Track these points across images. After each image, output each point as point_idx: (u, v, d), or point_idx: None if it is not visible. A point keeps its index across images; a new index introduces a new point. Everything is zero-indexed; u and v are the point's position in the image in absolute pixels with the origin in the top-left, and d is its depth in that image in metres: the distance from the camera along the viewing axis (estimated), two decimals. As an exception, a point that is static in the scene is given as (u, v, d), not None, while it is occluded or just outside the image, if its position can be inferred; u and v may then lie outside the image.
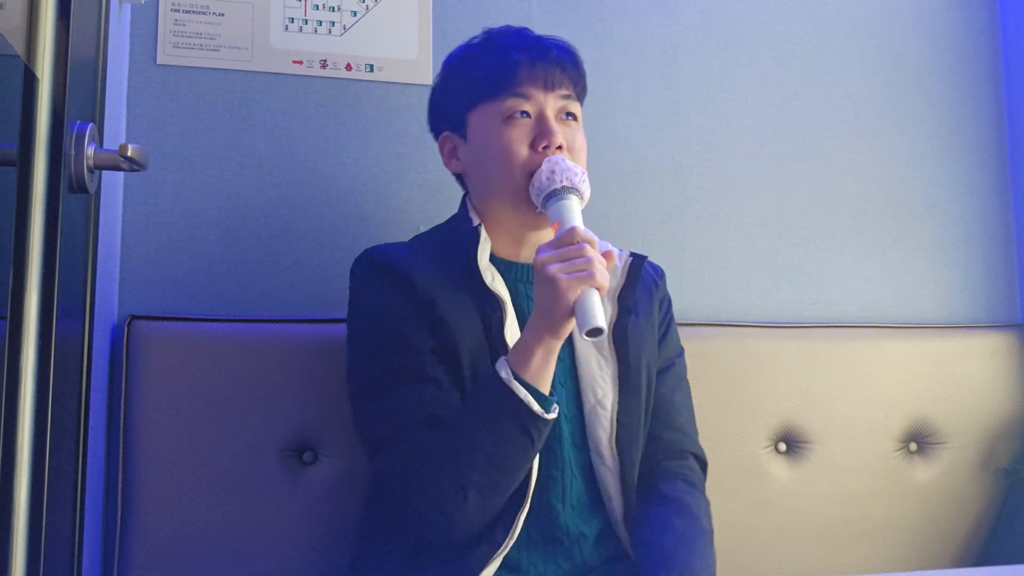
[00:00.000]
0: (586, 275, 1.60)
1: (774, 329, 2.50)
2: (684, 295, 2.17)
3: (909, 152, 2.79)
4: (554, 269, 1.62)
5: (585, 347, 1.89)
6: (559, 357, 1.84)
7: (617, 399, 1.86)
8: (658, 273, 2.09)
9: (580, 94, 1.96)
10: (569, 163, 1.80)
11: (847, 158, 2.74)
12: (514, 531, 1.72)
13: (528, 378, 1.66)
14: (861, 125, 2.77)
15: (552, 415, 1.68)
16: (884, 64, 2.80)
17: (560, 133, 1.86)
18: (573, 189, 1.77)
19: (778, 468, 2.41)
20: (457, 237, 1.91)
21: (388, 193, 2.38)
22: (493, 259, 1.89)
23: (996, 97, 2.89)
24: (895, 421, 2.50)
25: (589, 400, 1.87)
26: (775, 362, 2.44)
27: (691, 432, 2.01)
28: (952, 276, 2.78)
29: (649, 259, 2.04)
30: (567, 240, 1.66)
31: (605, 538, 1.87)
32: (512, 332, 1.82)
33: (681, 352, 2.07)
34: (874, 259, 2.73)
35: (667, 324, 2.05)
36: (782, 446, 2.43)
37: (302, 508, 2.09)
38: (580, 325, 1.59)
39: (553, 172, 1.77)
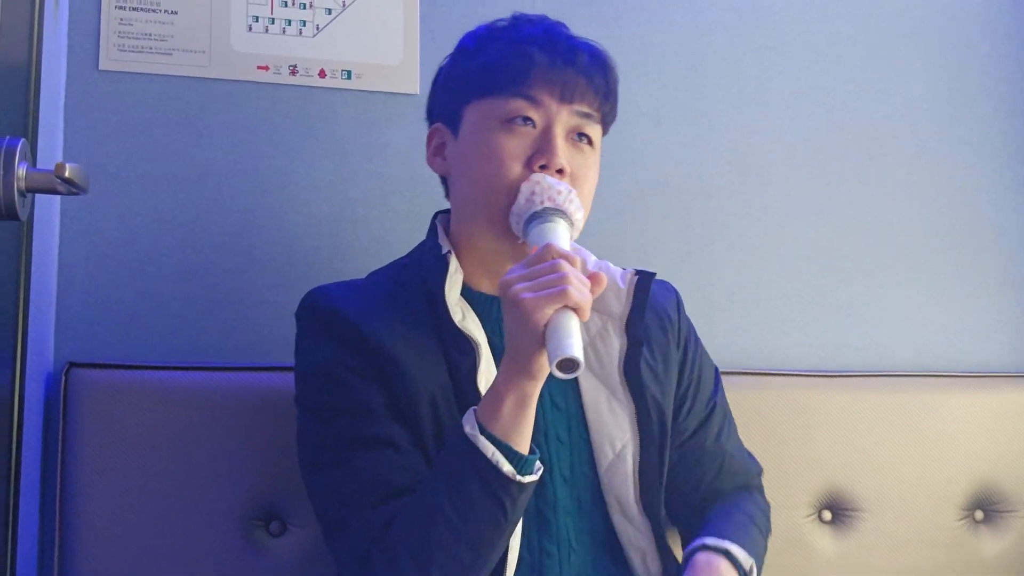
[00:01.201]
0: (557, 291, 1.50)
1: (818, 378, 2.51)
2: (713, 338, 2.16)
3: (975, 173, 2.80)
4: (519, 288, 1.54)
5: (595, 392, 1.85)
6: (559, 408, 1.84)
7: (638, 448, 1.82)
8: (671, 301, 2.05)
9: (605, 116, 1.88)
10: (552, 180, 1.73)
11: (903, 180, 2.75)
12: None
13: (498, 432, 1.58)
14: (920, 142, 2.78)
15: (531, 478, 1.60)
16: (946, 70, 2.82)
17: (565, 155, 1.78)
18: (556, 211, 1.70)
19: (823, 540, 2.41)
20: (421, 268, 1.87)
21: (368, 220, 2.38)
22: (467, 293, 1.84)
23: (1077, 109, 2.89)
24: (958, 485, 2.50)
25: (606, 455, 1.83)
26: (819, 416, 2.44)
27: (746, 467, 2.04)
28: (1025, 317, 2.77)
29: (658, 277, 1.99)
30: (539, 258, 1.58)
31: None
32: (487, 379, 1.74)
33: (717, 382, 2.06)
34: (934, 297, 2.74)
35: (695, 362, 2.02)
36: (827, 514, 2.44)
37: (269, 588, 2.06)
38: (551, 355, 1.48)
39: (533, 193, 1.71)
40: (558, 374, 1.48)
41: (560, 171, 1.76)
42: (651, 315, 1.94)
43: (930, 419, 2.49)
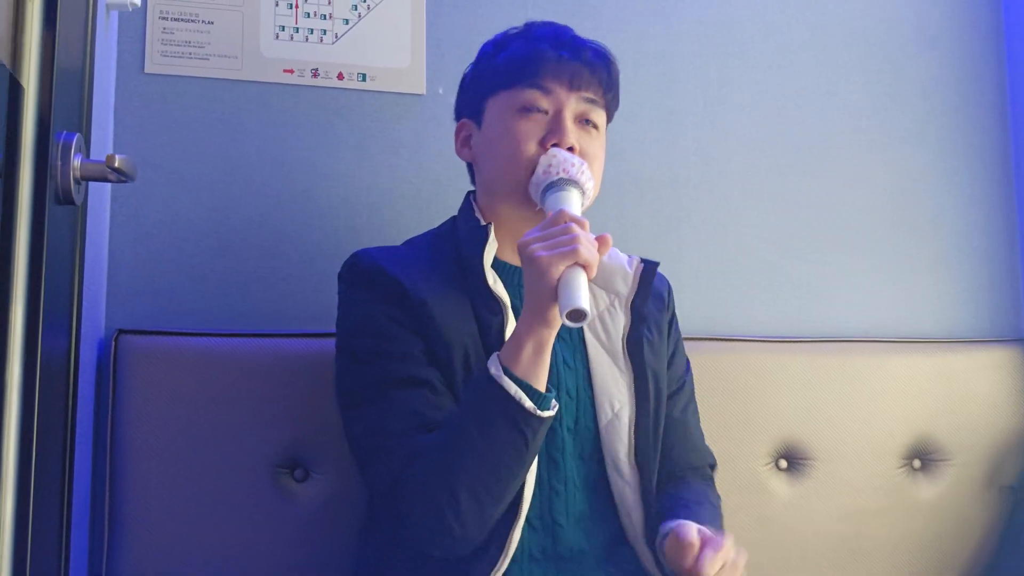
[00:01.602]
0: (568, 250, 1.56)
1: (774, 344, 2.50)
2: (681, 309, 2.16)
3: (911, 163, 2.80)
4: (535, 247, 1.59)
5: (600, 358, 1.88)
6: (571, 367, 1.85)
7: (634, 411, 1.85)
8: (666, 288, 2.08)
9: (609, 104, 1.93)
10: (567, 154, 1.78)
11: (848, 169, 2.74)
12: (508, 547, 1.68)
13: (519, 373, 1.62)
14: (862, 135, 2.77)
15: (548, 413, 1.64)
16: (885, 73, 2.80)
17: (574, 136, 1.83)
18: (570, 181, 1.74)
19: (779, 485, 2.41)
20: (457, 237, 1.89)
21: (381, 205, 2.38)
22: (495, 263, 1.86)
23: (1000, 106, 2.89)
24: (898, 437, 2.50)
25: (606, 413, 1.85)
26: (776, 377, 2.44)
27: (703, 448, 2.03)
28: (956, 289, 2.78)
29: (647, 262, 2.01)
30: (553, 222, 1.63)
31: (613, 557, 1.84)
32: None
33: (688, 367, 2.07)
34: (876, 272, 2.73)
35: (675, 344, 2.05)
36: (783, 463, 2.43)
37: (295, 527, 2.07)
38: (561, 306, 1.54)
39: (550, 165, 1.76)
40: (568, 323, 1.54)
41: (571, 149, 1.81)
42: (653, 297, 1.96)
43: (873, 380, 2.49)
